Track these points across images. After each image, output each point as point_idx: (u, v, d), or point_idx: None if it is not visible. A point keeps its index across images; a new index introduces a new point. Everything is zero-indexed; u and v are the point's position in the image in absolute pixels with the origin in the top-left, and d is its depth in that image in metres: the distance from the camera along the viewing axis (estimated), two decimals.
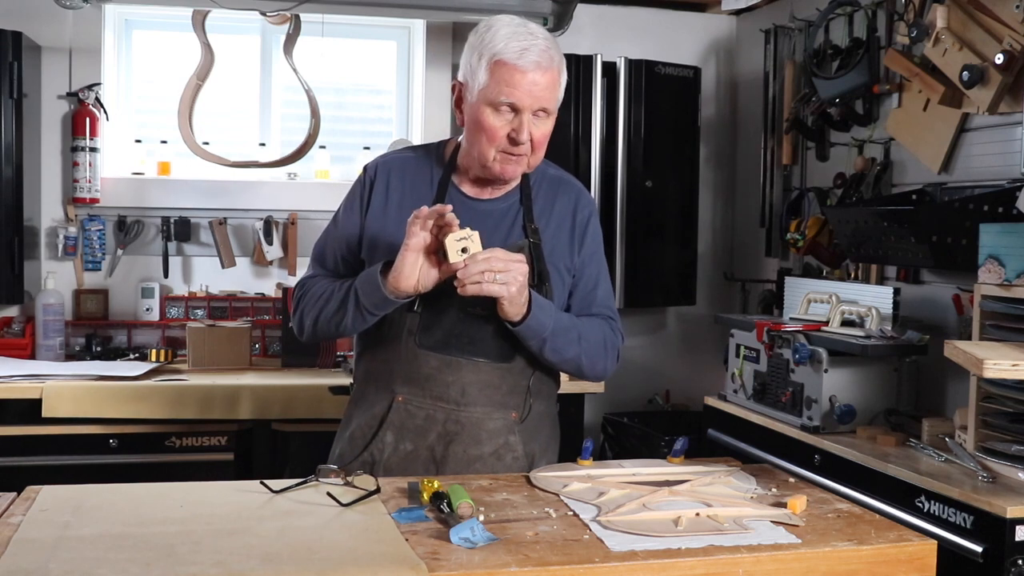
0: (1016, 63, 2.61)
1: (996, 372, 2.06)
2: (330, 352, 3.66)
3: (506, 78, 1.86)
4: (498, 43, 1.87)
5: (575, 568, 1.44)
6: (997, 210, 2.62)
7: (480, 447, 2.00)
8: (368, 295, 1.89)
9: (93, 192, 3.73)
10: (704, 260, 4.34)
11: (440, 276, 1.84)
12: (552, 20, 3.73)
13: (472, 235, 1.78)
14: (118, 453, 3.16)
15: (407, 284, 1.83)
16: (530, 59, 1.85)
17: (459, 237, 1.78)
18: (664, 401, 4.29)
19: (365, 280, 1.90)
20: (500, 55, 1.86)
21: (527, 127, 1.89)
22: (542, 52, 1.87)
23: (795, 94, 3.75)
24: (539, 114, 1.90)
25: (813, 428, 2.80)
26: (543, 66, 1.87)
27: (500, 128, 1.89)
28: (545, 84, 1.88)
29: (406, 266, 1.82)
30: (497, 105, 1.88)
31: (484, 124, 1.90)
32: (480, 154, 1.94)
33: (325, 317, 1.97)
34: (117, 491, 1.77)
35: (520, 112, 1.88)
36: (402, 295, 1.86)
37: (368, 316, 1.92)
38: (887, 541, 1.59)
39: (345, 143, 4.15)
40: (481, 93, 1.89)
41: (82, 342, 3.72)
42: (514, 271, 1.82)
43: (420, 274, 1.83)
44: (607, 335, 2.08)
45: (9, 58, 3.44)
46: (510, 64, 1.85)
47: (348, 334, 2.02)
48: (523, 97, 1.87)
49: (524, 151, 1.92)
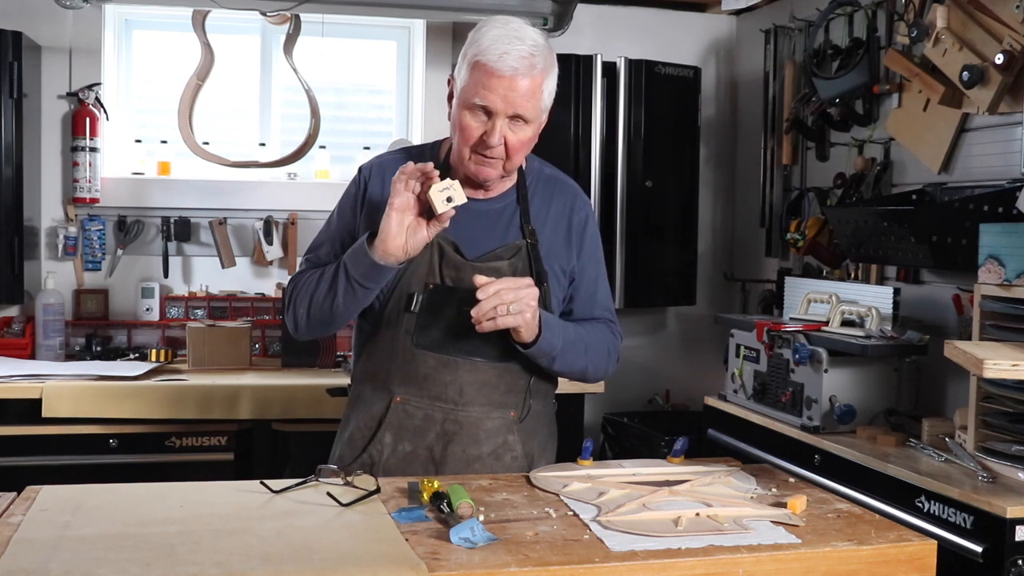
0: (1016, 63, 2.61)
1: (996, 372, 2.06)
2: (330, 352, 3.66)
3: (483, 80, 1.85)
4: (483, 44, 1.86)
5: (575, 568, 1.44)
6: (997, 210, 2.62)
7: (479, 447, 2.00)
8: (356, 265, 1.88)
9: (93, 192, 3.73)
10: (704, 260, 4.34)
11: (428, 234, 1.84)
12: (552, 20, 3.73)
13: (453, 184, 1.79)
14: (118, 453, 3.16)
15: (395, 245, 1.82)
16: (508, 64, 1.83)
17: (441, 188, 1.79)
18: (664, 401, 4.29)
19: (353, 252, 1.89)
20: (480, 56, 1.85)
21: (499, 132, 1.87)
22: (522, 58, 1.84)
23: (795, 94, 3.75)
24: (516, 120, 1.88)
25: (813, 428, 2.80)
26: (521, 72, 1.84)
27: (474, 129, 1.89)
28: (523, 91, 1.86)
29: (392, 225, 1.81)
30: (472, 107, 1.87)
31: (460, 124, 1.90)
32: (457, 152, 1.94)
33: (317, 302, 1.95)
34: (117, 491, 1.77)
35: (494, 116, 1.87)
36: (391, 259, 1.85)
37: (359, 289, 1.90)
38: (887, 541, 1.59)
39: (345, 143, 4.15)
40: (461, 92, 1.89)
41: (82, 342, 3.72)
42: (525, 297, 1.83)
43: (407, 235, 1.83)
44: (609, 340, 2.10)
45: (9, 58, 3.44)
46: (488, 67, 1.84)
47: (341, 320, 1.98)
48: (497, 101, 1.85)
49: (496, 155, 1.90)
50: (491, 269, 1.97)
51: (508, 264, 1.98)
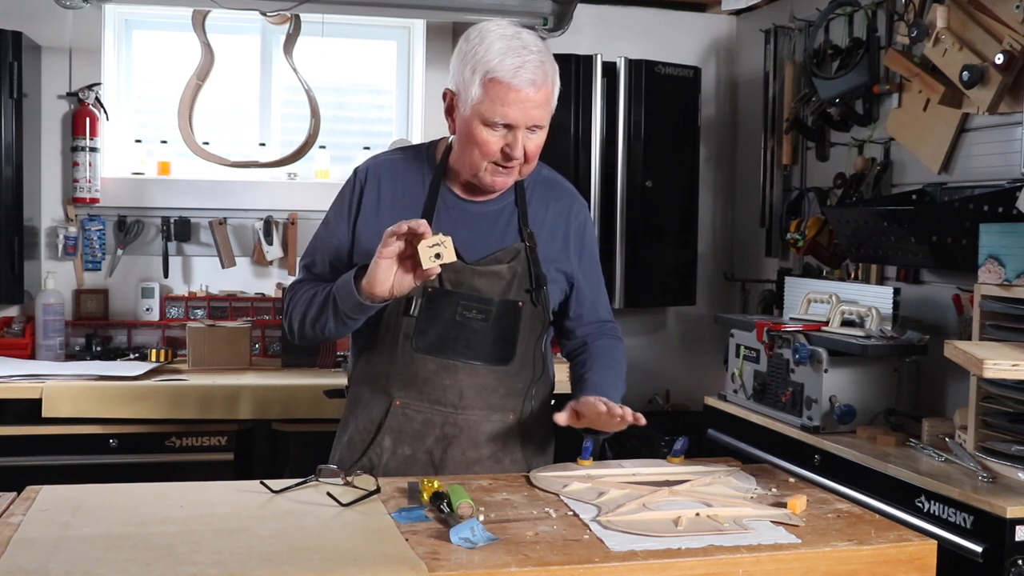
0: (1016, 63, 2.60)
1: (996, 372, 2.06)
2: (330, 352, 3.66)
3: (500, 96, 1.84)
4: (492, 59, 1.84)
5: (575, 568, 1.44)
6: (997, 210, 2.62)
7: (478, 450, 2.01)
8: (344, 300, 1.88)
9: (93, 192, 3.73)
10: (704, 260, 4.34)
11: (415, 281, 1.82)
12: (552, 20, 3.73)
13: (445, 240, 1.76)
14: (118, 453, 3.16)
15: (381, 290, 1.81)
16: (525, 77, 1.84)
17: (431, 243, 1.76)
18: (664, 401, 4.29)
19: (341, 285, 1.89)
20: (494, 73, 1.84)
21: (521, 143, 1.88)
22: (536, 69, 1.85)
23: (795, 94, 3.75)
24: (533, 129, 1.90)
25: (813, 428, 2.80)
26: (537, 84, 1.85)
27: (494, 144, 1.89)
28: (539, 101, 1.87)
29: (380, 272, 1.80)
30: (492, 124, 1.87)
31: (477, 139, 1.89)
32: (471, 165, 1.93)
33: (309, 322, 1.97)
34: (117, 491, 1.77)
35: (515, 129, 1.88)
36: (377, 300, 1.84)
37: (348, 321, 1.91)
38: (887, 541, 1.59)
39: (345, 143, 4.15)
40: (475, 108, 1.87)
41: (82, 342, 3.72)
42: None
43: (394, 280, 1.81)
44: (624, 354, 2.17)
45: (9, 58, 3.44)
46: (504, 83, 1.84)
47: (336, 338, 2.01)
48: (518, 116, 1.86)
49: (517, 164, 1.92)
50: (490, 272, 1.97)
51: (508, 267, 1.98)
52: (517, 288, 1.99)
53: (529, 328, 2.02)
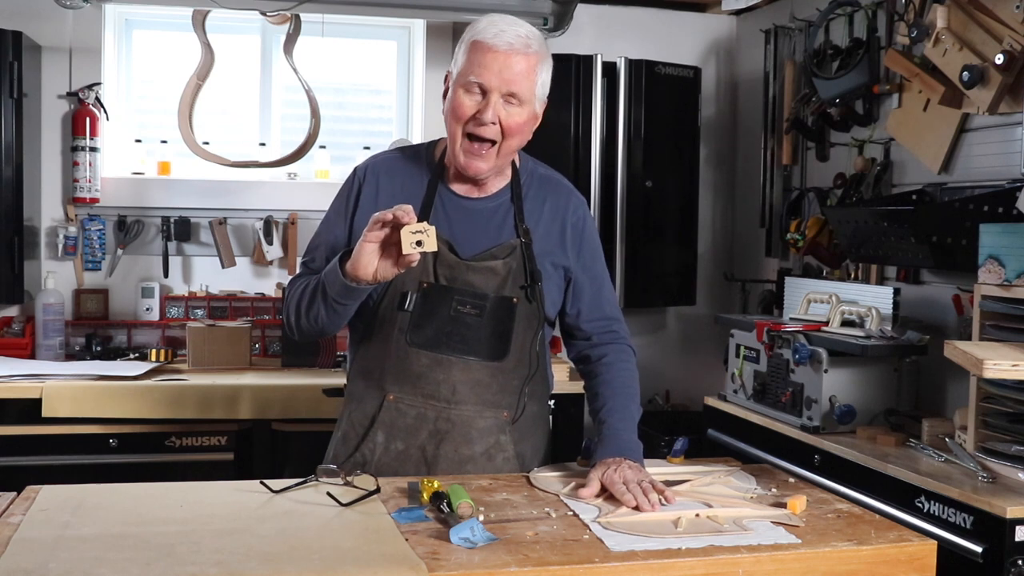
0: (1016, 63, 2.60)
1: (996, 372, 2.06)
2: (330, 352, 3.66)
3: (478, 58, 1.87)
4: (479, 26, 1.90)
5: (575, 568, 1.44)
6: (997, 210, 2.62)
7: (471, 446, 2.00)
8: (331, 284, 1.88)
9: (93, 192, 3.73)
10: (704, 260, 4.34)
11: (398, 268, 1.82)
12: (552, 20, 3.73)
13: (428, 229, 1.76)
14: (118, 453, 3.16)
15: (364, 272, 1.81)
16: (504, 40, 1.87)
17: (414, 230, 1.76)
18: (664, 401, 4.29)
19: (329, 271, 1.90)
20: (477, 36, 1.89)
21: (493, 107, 1.88)
22: (518, 36, 1.88)
23: (795, 94, 3.75)
24: (510, 100, 1.89)
25: (813, 428, 2.80)
26: (516, 48, 1.87)
27: (468, 107, 1.89)
28: (518, 69, 1.88)
29: (363, 255, 1.80)
30: (468, 85, 1.89)
31: (454, 103, 1.91)
32: (450, 138, 1.95)
33: (304, 312, 1.97)
34: (117, 491, 1.77)
35: (488, 93, 1.88)
36: (362, 283, 1.84)
37: (338, 307, 1.91)
38: (887, 541, 1.59)
39: (345, 143, 4.16)
40: (458, 76, 1.91)
41: (82, 342, 3.72)
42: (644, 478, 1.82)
43: (378, 264, 1.81)
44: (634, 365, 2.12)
45: (9, 58, 3.44)
46: (484, 43, 1.87)
47: (330, 329, 2.00)
48: (491, 78, 1.87)
49: (489, 134, 1.90)
50: (486, 268, 1.97)
51: (503, 263, 1.98)
52: (512, 284, 1.99)
53: (524, 325, 2.02)
